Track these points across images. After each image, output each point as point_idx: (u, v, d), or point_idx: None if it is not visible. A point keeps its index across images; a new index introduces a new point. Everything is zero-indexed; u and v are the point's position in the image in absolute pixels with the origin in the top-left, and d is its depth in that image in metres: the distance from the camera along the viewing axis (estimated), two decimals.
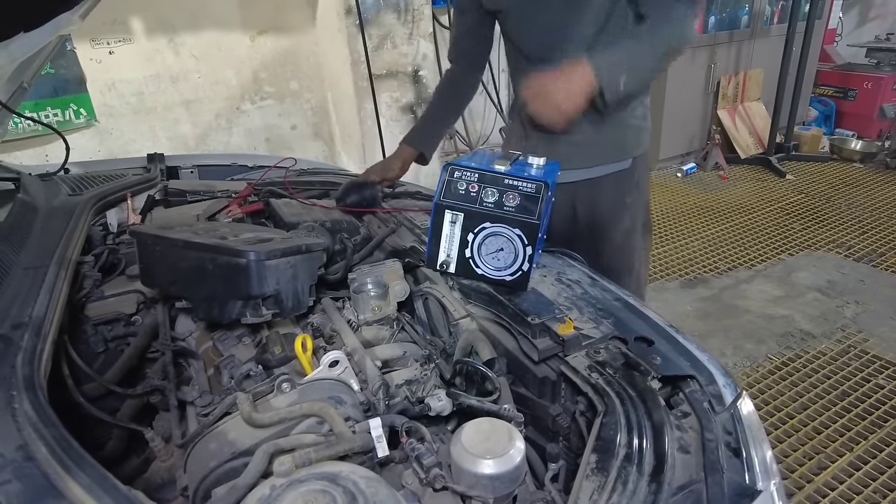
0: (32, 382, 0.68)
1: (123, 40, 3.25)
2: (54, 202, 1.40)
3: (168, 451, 0.98)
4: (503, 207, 1.09)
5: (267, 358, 0.94)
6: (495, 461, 0.75)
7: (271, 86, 3.82)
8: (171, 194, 1.69)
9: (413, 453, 0.78)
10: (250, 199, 1.70)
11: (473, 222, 1.10)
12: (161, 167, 1.88)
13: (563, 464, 0.93)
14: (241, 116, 3.78)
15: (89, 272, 1.21)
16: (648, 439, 0.78)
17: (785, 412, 2.23)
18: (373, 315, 1.24)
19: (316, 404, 0.80)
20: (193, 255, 0.93)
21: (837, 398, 2.29)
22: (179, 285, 1.00)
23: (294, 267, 0.99)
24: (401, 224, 1.57)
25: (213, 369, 1.02)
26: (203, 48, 3.52)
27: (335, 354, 0.91)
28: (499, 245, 1.11)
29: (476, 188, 1.11)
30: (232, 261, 0.90)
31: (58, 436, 0.61)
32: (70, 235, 1.15)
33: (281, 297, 0.95)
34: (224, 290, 0.92)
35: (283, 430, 0.81)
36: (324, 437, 0.81)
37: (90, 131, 3.31)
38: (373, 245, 1.49)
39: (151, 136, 3.52)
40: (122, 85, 3.35)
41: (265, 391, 0.86)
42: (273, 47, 3.72)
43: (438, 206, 1.11)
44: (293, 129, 3.98)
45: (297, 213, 1.54)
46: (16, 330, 0.80)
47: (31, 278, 0.96)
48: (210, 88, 3.63)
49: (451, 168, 1.12)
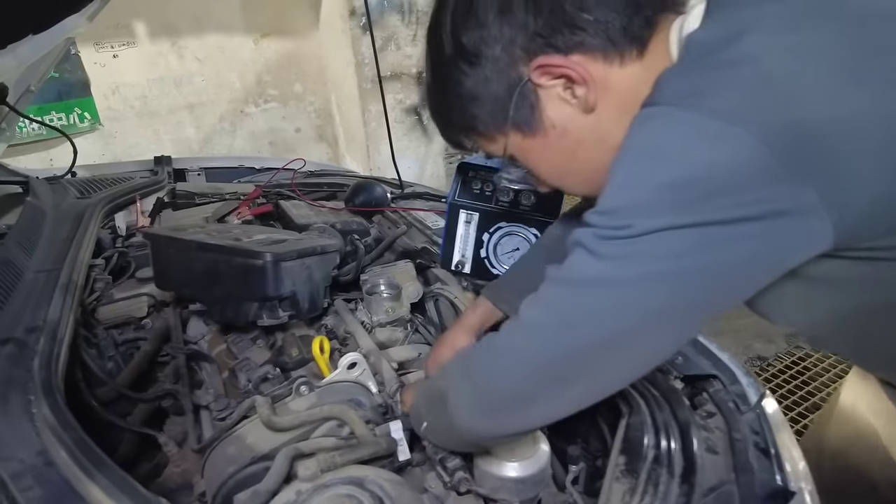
0: (50, 386, 0.67)
1: (127, 44, 3.24)
2: (63, 205, 1.39)
3: (181, 455, 0.97)
4: (519, 206, 1.08)
5: (284, 360, 0.92)
6: (520, 464, 0.74)
7: (275, 89, 3.81)
8: (179, 196, 1.68)
9: (436, 456, 0.76)
10: (258, 201, 1.69)
11: (489, 222, 1.09)
12: (168, 170, 1.87)
13: (584, 466, 0.92)
14: (245, 119, 3.77)
15: (100, 275, 1.20)
16: (676, 440, 0.76)
17: (797, 412, 2.21)
18: (386, 317, 1.23)
19: (336, 407, 0.78)
20: (208, 257, 0.91)
21: None
22: (194, 287, 0.98)
23: (309, 268, 0.97)
24: (411, 225, 1.56)
25: (227, 372, 1.01)
26: (206, 51, 3.52)
27: (353, 356, 0.89)
28: (515, 245, 1.10)
29: (491, 187, 1.10)
30: (248, 262, 0.88)
31: (77, 439, 0.60)
32: (80, 239, 1.14)
33: (297, 298, 0.94)
34: (239, 291, 0.91)
35: (303, 434, 0.80)
36: (344, 441, 0.79)
37: (94, 135, 3.30)
38: (384, 246, 1.47)
39: (155, 140, 3.52)
40: (125, 88, 3.35)
41: (283, 394, 0.85)
42: (276, 50, 3.72)
43: (453, 205, 1.10)
44: (297, 131, 3.97)
45: (307, 215, 1.53)
46: (31, 334, 0.79)
47: (44, 281, 0.95)
48: (213, 91, 3.62)
49: (465, 167, 1.11)
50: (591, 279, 0.54)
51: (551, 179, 0.70)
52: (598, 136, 0.62)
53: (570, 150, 0.64)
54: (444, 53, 0.64)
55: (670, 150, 0.49)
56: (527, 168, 0.70)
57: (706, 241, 0.49)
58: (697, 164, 0.48)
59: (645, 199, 0.50)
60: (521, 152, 0.67)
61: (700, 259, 0.50)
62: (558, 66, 0.59)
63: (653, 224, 0.49)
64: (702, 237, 0.49)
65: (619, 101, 0.60)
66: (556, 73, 0.59)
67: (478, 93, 0.63)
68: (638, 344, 0.55)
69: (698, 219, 0.48)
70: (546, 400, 0.60)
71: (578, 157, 0.65)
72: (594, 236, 0.53)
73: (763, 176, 0.47)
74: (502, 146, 0.67)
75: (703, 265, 0.50)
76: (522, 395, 0.60)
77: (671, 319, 0.54)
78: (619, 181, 0.53)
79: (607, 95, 0.60)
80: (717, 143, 0.47)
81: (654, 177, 0.50)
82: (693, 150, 0.48)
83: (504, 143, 0.66)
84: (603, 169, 0.63)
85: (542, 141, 0.64)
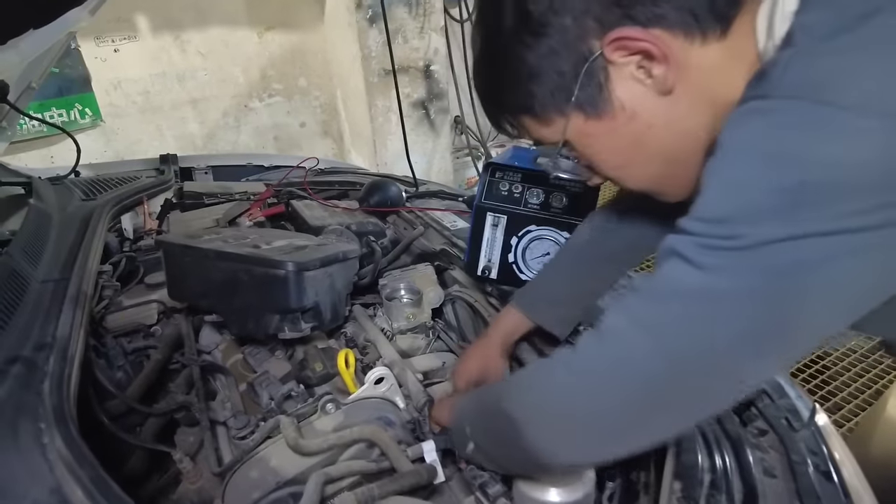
0: (63, 414, 0.61)
1: (129, 38, 3.17)
2: (68, 208, 1.34)
3: (197, 472, 0.92)
4: (550, 209, 1.03)
5: (307, 375, 0.87)
6: (564, 490, 0.69)
7: (279, 83, 3.74)
8: (187, 196, 1.62)
9: (475, 481, 0.71)
10: (269, 200, 1.63)
11: (517, 225, 1.04)
12: (175, 168, 1.82)
13: (620, 481, 0.87)
14: (249, 114, 3.71)
15: (108, 282, 1.15)
16: (731, 461, 0.71)
17: (818, 396, 2.16)
18: (407, 323, 1.18)
19: (367, 428, 0.73)
20: (226, 267, 0.86)
21: (872, 397, 2.23)
22: (211, 298, 0.93)
23: (332, 276, 0.92)
24: (428, 225, 1.51)
25: (245, 385, 0.95)
26: (210, 45, 3.44)
27: (381, 371, 0.84)
28: (545, 249, 1.05)
29: (520, 188, 1.04)
30: (269, 272, 0.83)
31: (94, 477, 0.54)
32: (88, 244, 1.09)
33: (319, 309, 0.89)
34: (260, 303, 0.86)
35: (330, 457, 0.75)
36: (375, 463, 0.75)
37: (95, 132, 3.24)
38: (401, 248, 1.42)
39: (158, 136, 3.45)
40: (127, 84, 3.28)
41: (308, 412, 0.80)
42: (281, 44, 3.64)
43: (479, 208, 1.05)
44: (302, 126, 3.91)
45: (321, 217, 1.48)
46: (39, 352, 0.73)
47: (52, 292, 0.89)
48: (217, 86, 3.55)
49: (493, 168, 1.06)
50: (692, 292, 0.48)
51: (611, 170, 0.64)
52: (670, 120, 0.56)
53: (638, 135, 0.58)
54: (504, 24, 0.57)
55: (791, 150, 0.44)
56: (584, 156, 0.63)
57: (828, 254, 0.44)
58: (823, 164, 0.42)
59: (759, 206, 0.44)
60: (581, 137, 0.60)
61: (820, 275, 0.44)
62: (637, 40, 0.52)
63: (769, 234, 0.44)
64: (823, 249, 0.43)
65: (697, 85, 0.54)
66: (633, 49, 0.53)
67: (540, 69, 0.57)
68: (742, 364, 0.50)
69: (821, 228, 0.43)
70: (640, 427, 0.55)
71: (646, 143, 0.59)
72: (696, 245, 0.47)
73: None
74: (560, 130, 0.60)
75: (823, 281, 0.44)
76: (617, 422, 0.55)
77: (779, 339, 0.48)
78: (727, 184, 0.47)
79: (685, 77, 0.54)
80: (847, 139, 0.42)
81: (772, 180, 0.44)
82: (818, 150, 0.43)
83: (563, 127, 0.59)
84: (671, 160, 0.59)
85: (607, 124, 0.58)
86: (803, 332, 0.49)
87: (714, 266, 0.46)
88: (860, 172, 0.42)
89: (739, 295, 0.46)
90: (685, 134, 0.56)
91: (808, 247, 0.43)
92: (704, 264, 0.47)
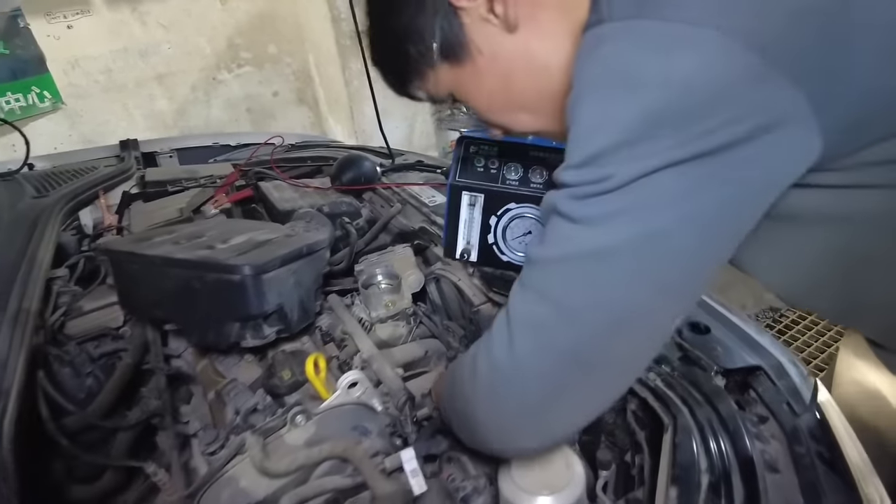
0: None
1: (81, 12, 2.98)
2: (18, 206, 1.25)
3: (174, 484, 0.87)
4: (529, 185, 0.95)
5: (275, 384, 0.81)
6: (554, 498, 0.65)
7: (248, 52, 3.57)
8: (150, 185, 1.53)
9: (458, 493, 0.66)
10: (237, 183, 1.55)
11: (496, 203, 0.96)
12: (136, 154, 1.71)
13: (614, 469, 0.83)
14: (219, 87, 3.55)
15: (64, 288, 1.07)
16: (731, 458, 0.67)
17: (814, 364, 2.15)
18: (386, 311, 1.12)
19: (339, 445, 0.68)
20: (178, 274, 0.79)
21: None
22: (165, 308, 0.86)
23: (296, 273, 0.85)
24: (405, 202, 1.43)
25: (213, 394, 0.90)
26: (171, 16, 3.26)
27: (353, 375, 0.78)
28: (526, 228, 0.97)
29: (496, 163, 0.96)
30: (223, 278, 0.76)
31: None
32: (35, 251, 1.00)
33: (285, 311, 0.82)
34: (217, 311, 0.79)
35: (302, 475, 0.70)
36: (350, 479, 0.70)
37: (58, 115, 3.08)
38: (378, 228, 1.36)
39: (126, 116, 3.30)
40: (86, 62, 3.11)
41: (277, 426, 0.75)
42: (247, 10, 3.45)
43: (454, 187, 0.97)
44: (275, 95, 3.75)
45: (291, 199, 1.40)
46: None
47: None
48: (183, 60, 3.38)
49: (466, 142, 0.98)
50: (578, 253, 0.46)
51: (492, 114, 0.63)
52: (529, 58, 0.56)
53: (503, 76, 0.58)
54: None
55: (640, 71, 0.41)
56: (468, 105, 0.64)
57: (704, 177, 0.42)
58: (675, 80, 0.40)
59: (623, 138, 0.42)
60: (456, 87, 0.61)
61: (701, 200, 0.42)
62: None
63: (639, 167, 0.41)
64: (698, 172, 0.41)
65: (547, 17, 0.54)
66: None
67: (407, 30, 0.58)
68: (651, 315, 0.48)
69: (690, 151, 0.41)
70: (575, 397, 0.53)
71: (514, 84, 0.58)
72: (570, 198, 0.45)
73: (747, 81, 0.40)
74: (435, 83, 0.61)
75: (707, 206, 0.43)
76: (546, 400, 0.52)
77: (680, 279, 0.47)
78: (586, 123, 0.44)
79: (533, 11, 0.53)
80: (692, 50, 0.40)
81: (629, 108, 0.42)
82: (667, 65, 0.41)
83: (436, 79, 0.60)
84: (546, 97, 0.57)
85: (471, 69, 0.58)
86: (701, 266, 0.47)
87: (591, 218, 0.45)
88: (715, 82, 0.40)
89: (625, 244, 0.44)
90: (546, 69, 0.55)
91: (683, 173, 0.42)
92: (581, 217, 0.45)
